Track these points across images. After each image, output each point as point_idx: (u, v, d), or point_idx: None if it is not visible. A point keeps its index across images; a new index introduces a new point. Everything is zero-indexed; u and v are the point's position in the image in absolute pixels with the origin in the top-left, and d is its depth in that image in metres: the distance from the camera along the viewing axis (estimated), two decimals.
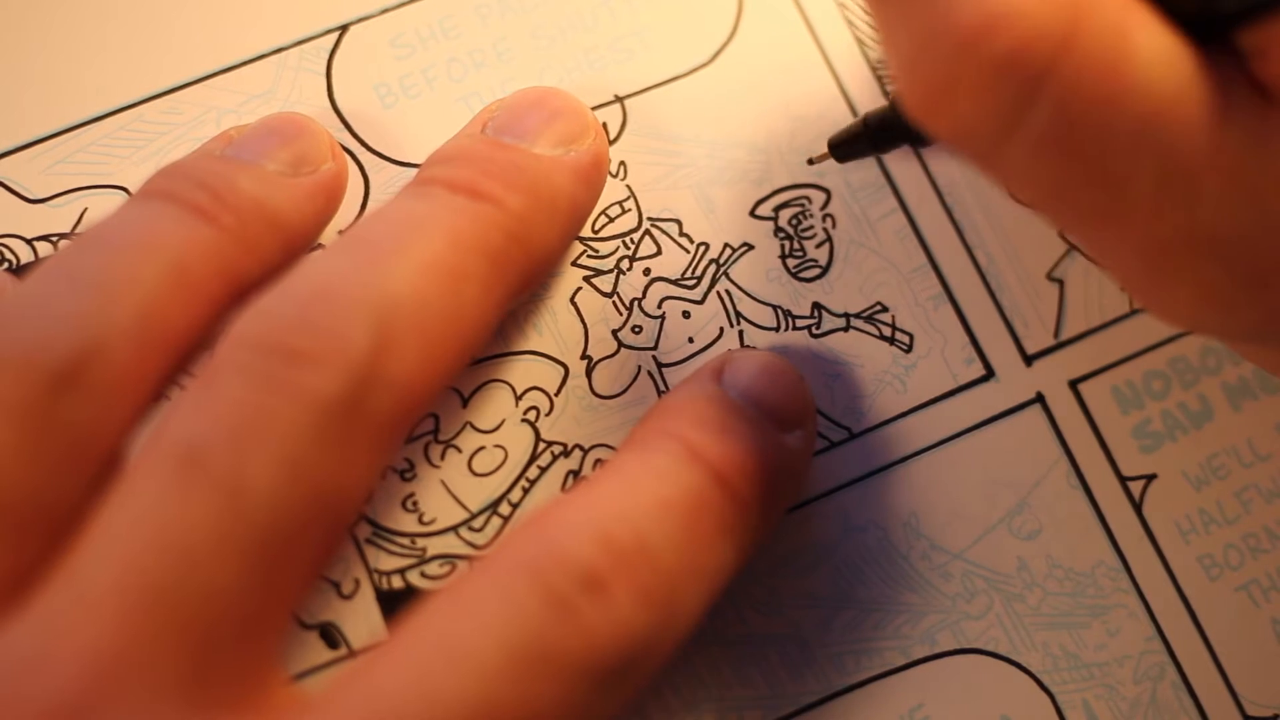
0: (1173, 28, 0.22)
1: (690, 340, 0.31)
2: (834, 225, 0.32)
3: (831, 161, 0.32)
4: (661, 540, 0.25)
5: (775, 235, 0.32)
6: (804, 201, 0.32)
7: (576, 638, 0.24)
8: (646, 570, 0.25)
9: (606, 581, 0.24)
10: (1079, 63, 0.21)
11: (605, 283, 0.32)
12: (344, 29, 0.33)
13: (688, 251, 0.32)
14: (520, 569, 0.24)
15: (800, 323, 0.32)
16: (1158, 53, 0.22)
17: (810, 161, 0.32)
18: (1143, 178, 0.22)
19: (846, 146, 0.30)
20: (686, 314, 0.32)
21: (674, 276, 0.32)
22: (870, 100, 0.33)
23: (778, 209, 0.32)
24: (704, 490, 0.26)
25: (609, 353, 0.31)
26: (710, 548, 0.26)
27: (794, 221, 0.32)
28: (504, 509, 0.30)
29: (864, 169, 0.32)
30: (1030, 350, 0.32)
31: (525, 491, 0.30)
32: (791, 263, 0.32)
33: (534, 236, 0.28)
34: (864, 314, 0.32)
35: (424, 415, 0.30)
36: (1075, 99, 0.21)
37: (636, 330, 0.31)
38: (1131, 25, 0.22)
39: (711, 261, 0.32)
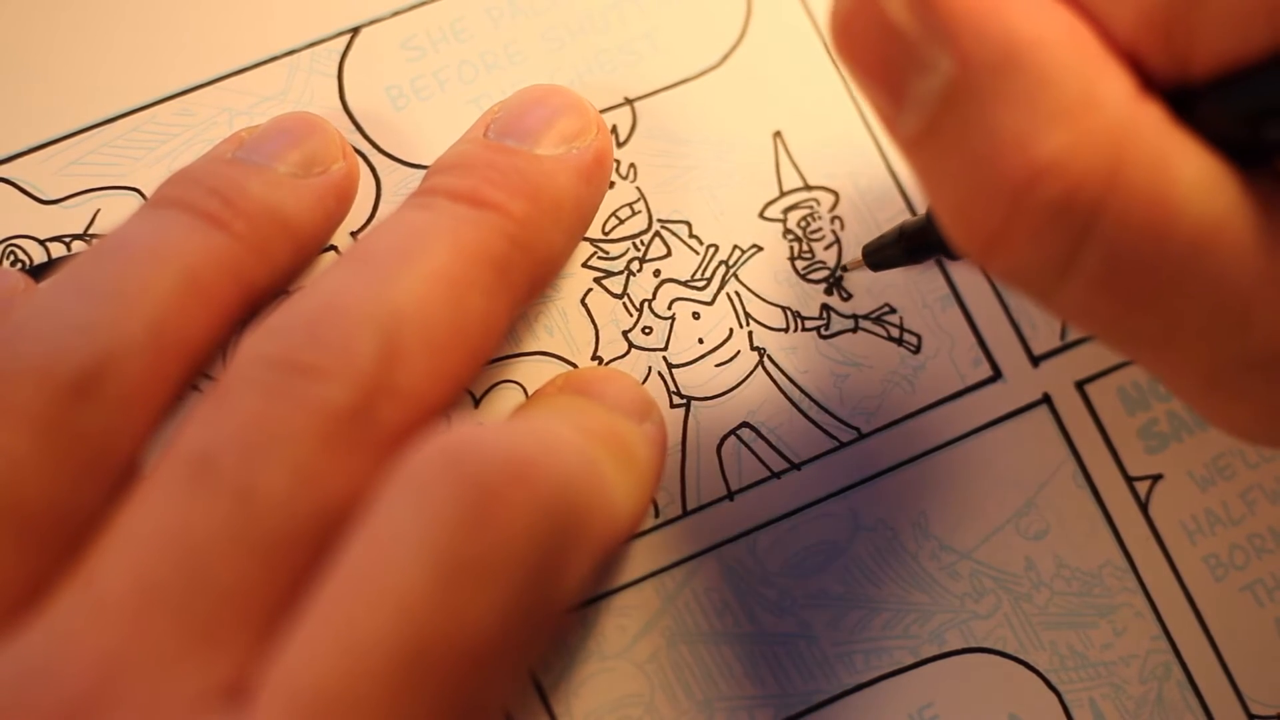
0: (1212, 151, 0.22)
1: (700, 341, 0.32)
2: (842, 227, 0.32)
3: (839, 163, 0.32)
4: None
5: (784, 237, 0.32)
6: (813, 204, 0.32)
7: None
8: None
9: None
10: (1125, 199, 0.21)
11: (615, 284, 0.32)
12: (355, 31, 0.33)
13: (697, 253, 0.32)
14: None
15: (809, 324, 0.32)
16: (1200, 179, 0.21)
17: (845, 269, 0.32)
18: (1194, 307, 0.22)
19: (880, 254, 0.31)
20: (696, 315, 0.32)
21: (684, 278, 0.32)
22: None
23: (786, 211, 0.32)
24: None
25: (619, 353, 0.31)
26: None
27: (803, 224, 0.32)
28: None
29: (871, 170, 0.32)
30: (1037, 351, 0.32)
31: None
32: (800, 264, 0.32)
33: (539, 240, 0.28)
34: (872, 315, 0.32)
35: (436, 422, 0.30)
36: (1124, 236, 0.21)
37: (647, 331, 0.32)
38: (1172, 153, 0.21)
39: (721, 263, 0.32)
